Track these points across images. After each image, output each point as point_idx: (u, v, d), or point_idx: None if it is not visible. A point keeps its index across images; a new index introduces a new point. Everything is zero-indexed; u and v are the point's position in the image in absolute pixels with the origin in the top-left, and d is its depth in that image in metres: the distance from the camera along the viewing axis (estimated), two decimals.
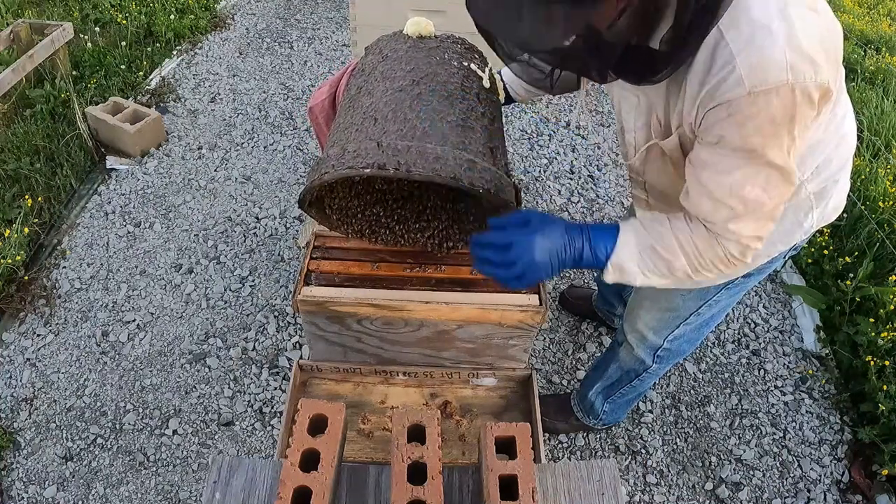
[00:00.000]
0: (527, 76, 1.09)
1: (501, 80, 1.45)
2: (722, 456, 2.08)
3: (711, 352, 2.39)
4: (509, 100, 1.49)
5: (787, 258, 1.40)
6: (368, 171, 1.08)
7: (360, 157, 1.11)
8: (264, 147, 3.29)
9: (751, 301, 2.59)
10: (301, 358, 1.39)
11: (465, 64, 1.32)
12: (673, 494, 1.98)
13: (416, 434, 0.94)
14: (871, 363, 2.15)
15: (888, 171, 2.90)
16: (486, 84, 1.34)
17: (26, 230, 2.61)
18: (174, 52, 4.05)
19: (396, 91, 1.23)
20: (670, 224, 1.07)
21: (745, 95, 0.87)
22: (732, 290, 1.41)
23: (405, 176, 1.08)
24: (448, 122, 1.18)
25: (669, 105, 1.03)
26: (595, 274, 2.59)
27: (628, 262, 1.07)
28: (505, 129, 1.40)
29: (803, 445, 2.12)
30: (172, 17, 4.21)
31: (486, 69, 1.37)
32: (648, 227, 1.08)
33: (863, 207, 2.70)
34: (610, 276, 1.10)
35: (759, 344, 2.43)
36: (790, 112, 0.88)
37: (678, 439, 2.12)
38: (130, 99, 3.46)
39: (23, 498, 1.91)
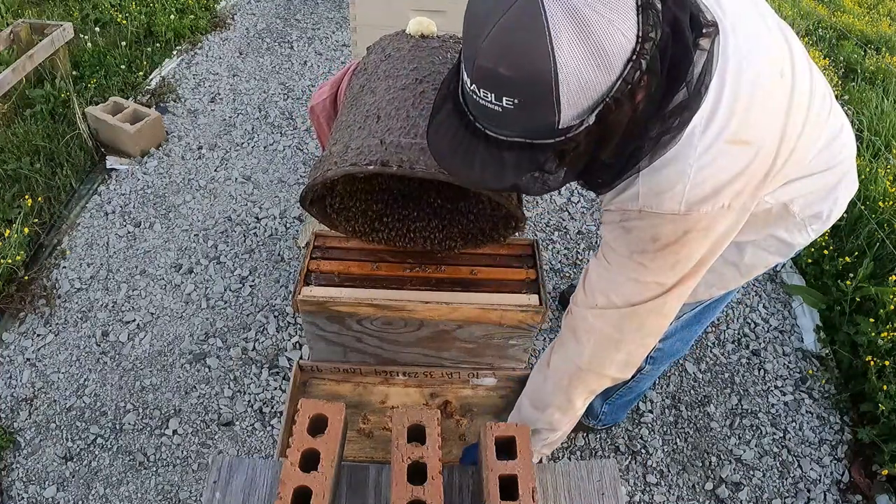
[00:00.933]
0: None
1: None
2: (722, 456, 2.08)
3: (711, 352, 2.39)
4: None
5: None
6: (372, 168, 1.08)
7: (363, 154, 1.11)
8: (264, 147, 3.29)
9: (751, 301, 2.59)
10: (301, 358, 1.39)
11: None
12: (673, 494, 1.98)
13: (416, 434, 0.94)
14: (871, 363, 2.15)
15: (888, 171, 2.90)
16: None
17: (26, 230, 2.61)
18: (174, 52, 4.05)
19: (399, 89, 1.23)
20: (525, 388, 1.18)
21: (637, 212, 0.91)
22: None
23: (408, 173, 1.08)
24: None
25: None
26: None
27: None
28: None
29: (803, 445, 2.12)
30: (172, 17, 4.21)
31: None
32: (516, 407, 1.20)
33: (863, 207, 2.70)
34: (540, 453, 1.23)
35: (759, 344, 2.43)
36: (677, 237, 0.91)
37: (678, 439, 2.12)
38: (130, 99, 3.46)
39: (23, 498, 1.91)
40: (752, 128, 0.88)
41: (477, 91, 0.74)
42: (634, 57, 0.70)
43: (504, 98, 0.72)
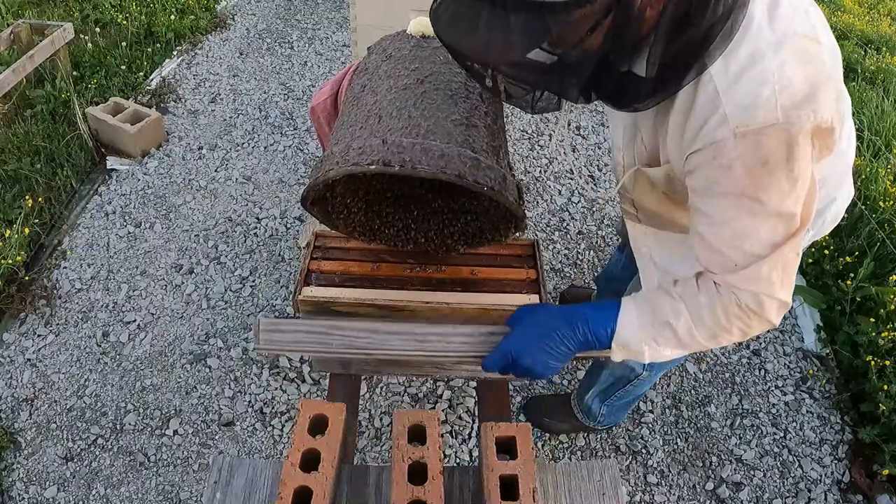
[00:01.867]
0: (505, 96, 1.04)
1: None
2: (722, 456, 2.08)
3: (712, 352, 2.39)
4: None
5: None
6: (373, 167, 1.08)
7: (364, 153, 1.11)
8: (265, 147, 3.29)
9: None
10: (302, 358, 1.38)
11: None
12: (673, 494, 1.98)
13: (417, 434, 0.94)
14: (872, 363, 2.15)
15: (888, 171, 2.90)
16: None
17: (27, 230, 2.61)
18: (174, 53, 4.05)
19: (401, 89, 1.23)
20: (677, 289, 1.01)
21: (731, 137, 0.80)
22: None
23: (410, 173, 1.08)
24: (452, 120, 1.18)
25: (657, 134, 0.97)
26: (594, 274, 2.58)
27: (634, 340, 1.02)
28: (506, 128, 1.40)
29: (804, 445, 2.12)
30: (172, 17, 4.21)
31: None
32: (651, 298, 1.03)
33: (863, 207, 2.70)
34: (617, 355, 1.05)
35: (760, 344, 2.43)
36: (785, 153, 0.81)
37: (679, 439, 2.12)
38: (131, 99, 3.46)
39: (23, 498, 1.91)
40: (815, 27, 0.82)
41: None
42: None
43: None
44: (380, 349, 1.11)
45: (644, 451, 2.08)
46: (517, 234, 1.41)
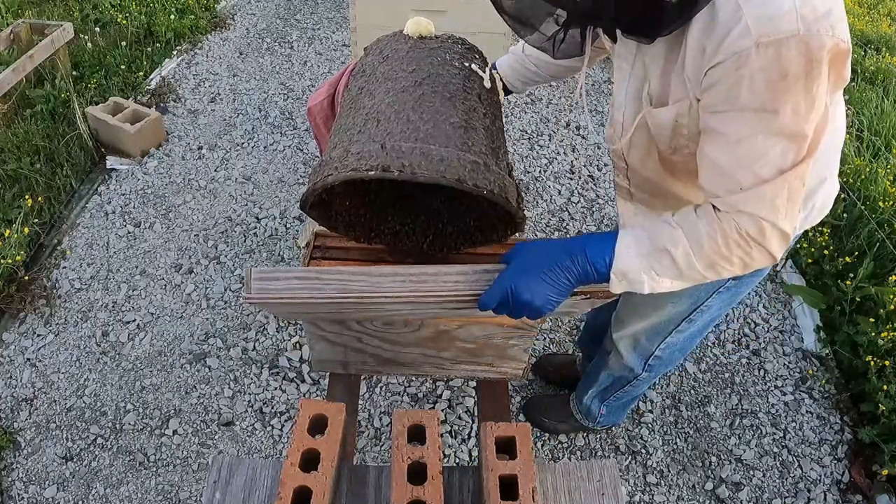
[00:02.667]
0: (530, 37, 1.02)
1: (497, 74, 1.44)
2: (722, 456, 2.08)
3: (711, 352, 2.39)
4: (506, 91, 1.49)
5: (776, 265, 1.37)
6: (373, 173, 1.08)
7: (363, 158, 1.11)
8: (264, 147, 3.29)
9: (751, 301, 2.59)
10: (302, 358, 1.38)
11: (467, 64, 1.32)
12: (673, 494, 1.98)
13: (417, 434, 0.94)
14: (872, 363, 2.15)
15: (888, 171, 2.90)
16: (487, 84, 1.34)
17: (26, 230, 2.61)
18: (174, 52, 4.05)
19: (399, 92, 1.23)
20: (674, 218, 0.99)
21: (753, 47, 0.81)
22: (724, 294, 1.37)
23: (410, 178, 1.07)
24: (451, 123, 1.17)
25: (668, 73, 0.97)
26: (576, 337, 2.37)
27: (632, 269, 0.99)
28: (505, 129, 1.41)
29: (803, 445, 2.12)
30: (172, 17, 4.21)
31: (487, 69, 1.36)
32: (649, 227, 1.01)
33: (863, 207, 2.70)
34: (616, 287, 1.02)
35: (759, 344, 2.43)
36: (804, 67, 0.82)
37: (678, 439, 2.12)
38: (130, 99, 3.46)
39: (23, 498, 1.91)
40: None
41: None
42: None
43: None
44: (375, 292, 1.07)
45: (644, 451, 2.08)
46: (516, 234, 1.41)
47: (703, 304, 1.40)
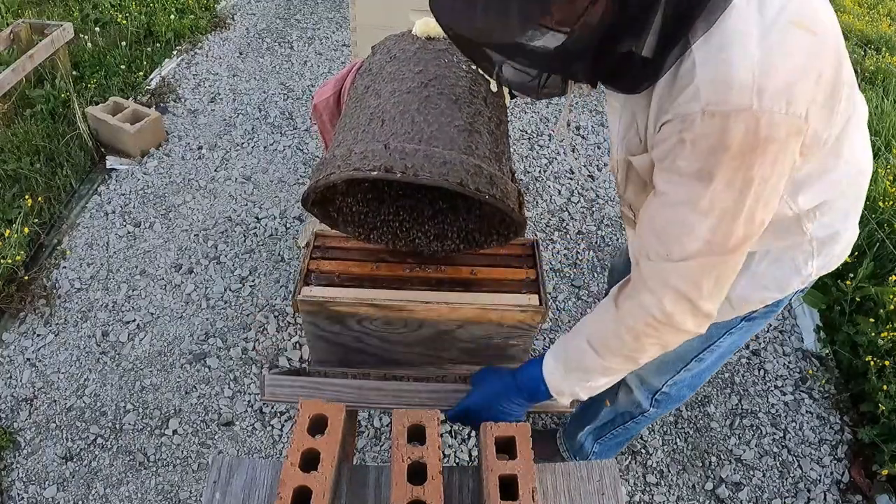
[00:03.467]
0: (511, 81, 1.00)
1: None
2: (722, 456, 2.08)
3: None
4: (511, 94, 1.48)
5: (785, 306, 1.28)
6: (375, 173, 1.08)
7: (366, 158, 1.11)
8: (264, 147, 3.29)
9: None
10: (302, 358, 1.39)
11: (474, 67, 1.32)
12: (673, 494, 1.98)
13: (417, 434, 0.94)
14: (871, 363, 2.15)
15: (888, 171, 2.90)
16: (494, 88, 1.33)
17: (26, 230, 2.61)
18: (174, 52, 4.05)
19: (405, 93, 1.23)
20: (585, 326, 1.08)
21: (699, 113, 0.76)
22: (735, 334, 1.32)
23: (412, 180, 1.07)
24: (456, 125, 1.17)
25: (645, 110, 0.93)
26: (594, 273, 2.52)
27: (565, 388, 1.10)
28: (508, 132, 1.40)
29: (803, 445, 2.12)
30: (172, 17, 4.21)
31: None
32: (567, 342, 1.10)
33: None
34: (564, 401, 1.15)
35: (759, 344, 2.43)
36: (749, 144, 0.76)
37: (678, 439, 2.12)
38: (130, 99, 3.46)
39: (23, 498, 1.91)
40: (816, 21, 0.77)
41: None
42: None
43: None
44: (362, 402, 1.30)
45: (643, 451, 2.08)
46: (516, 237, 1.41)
47: (714, 343, 1.34)
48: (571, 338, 1.09)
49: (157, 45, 4.06)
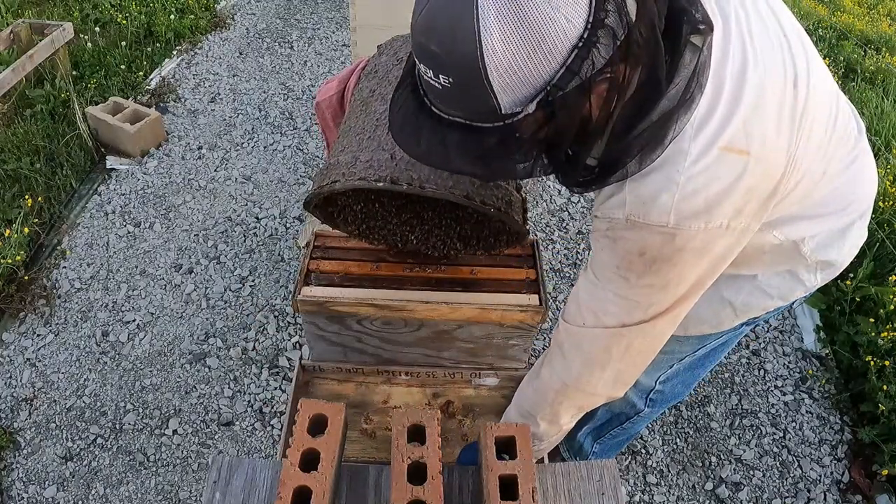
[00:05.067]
0: None
1: None
2: (722, 456, 2.08)
3: None
4: None
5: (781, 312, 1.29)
6: (381, 185, 1.08)
7: (372, 168, 1.10)
8: (264, 147, 3.29)
9: None
10: (302, 358, 1.39)
11: None
12: (673, 494, 1.98)
13: (417, 434, 0.94)
14: (871, 363, 2.15)
15: (888, 171, 2.90)
16: None
17: (26, 230, 2.61)
18: (174, 52, 4.05)
19: None
20: (518, 391, 1.16)
21: (623, 220, 0.83)
22: (730, 333, 1.31)
23: (418, 192, 1.07)
24: None
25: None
26: None
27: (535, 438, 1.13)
28: None
29: (803, 445, 2.12)
30: (172, 17, 4.21)
31: None
32: (516, 397, 1.17)
33: None
34: (538, 451, 1.18)
35: (759, 344, 2.43)
36: (666, 254, 0.83)
37: (678, 439, 2.12)
38: (130, 99, 3.46)
39: (23, 498, 1.91)
40: (752, 137, 0.80)
41: (420, 66, 0.72)
42: (581, 44, 0.64)
43: (440, 76, 0.69)
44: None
45: (643, 451, 2.08)
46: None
47: (710, 342, 1.34)
48: (508, 409, 1.20)
49: (157, 45, 4.06)
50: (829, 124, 0.94)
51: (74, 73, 3.58)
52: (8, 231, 2.55)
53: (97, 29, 4.03)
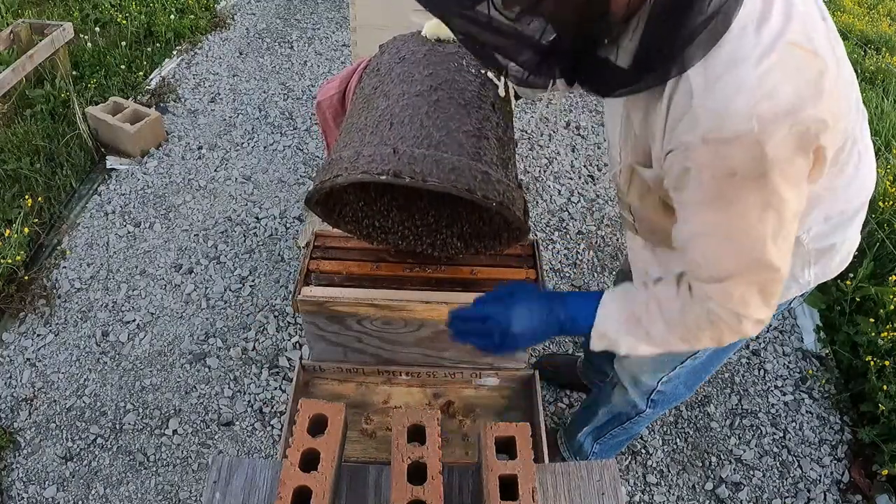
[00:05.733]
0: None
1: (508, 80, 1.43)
2: (722, 456, 2.08)
3: None
4: (516, 96, 1.48)
5: (781, 311, 1.26)
6: (384, 178, 1.08)
7: (374, 162, 1.11)
8: (264, 147, 3.29)
9: None
10: (302, 358, 1.39)
11: (483, 72, 1.32)
12: (673, 494, 1.98)
13: (417, 434, 0.94)
14: (871, 363, 2.15)
15: (888, 171, 2.90)
16: (502, 93, 1.33)
17: (26, 230, 2.61)
18: (174, 52, 4.05)
19: (414, 96, 1.23)
20: (656, 289, 1.00)
21: (699, 142, 0.75)
22: None
23: (420, 185, 1.07)
24: (464, 131, 1.17)
25: (647, 130, 0.90)
26: (581, 341, 2.36)
27: (611, 332, 1.03)
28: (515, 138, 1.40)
29: (803, 445, 2.12)
30: (172, 17, 4.21)
31: (503, 78, 1.36)
32: (631, 296, 1.03)
33: None
34: (595, 345, 1.06)
35: (759, 344, 2.43)
36: (756, 167, 0.75)
37: (678, 439, 2.12)
38: (130, 99, 3.46)
39: (23, 498, 1.91)
40: (813, 39, 0.74)
41: None
42: None
43: None
44: None
45: (643, 451, 2.08)
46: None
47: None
48: (640, 294, 1.02)
49: (157, 45, 4.06)
50: (850, 94, 0.88)
51: (74, 73, 3.58)
52: (8, 231, 2.55)
53: (97, 29, 4.03)
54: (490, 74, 1.33)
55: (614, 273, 2.49)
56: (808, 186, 0.83)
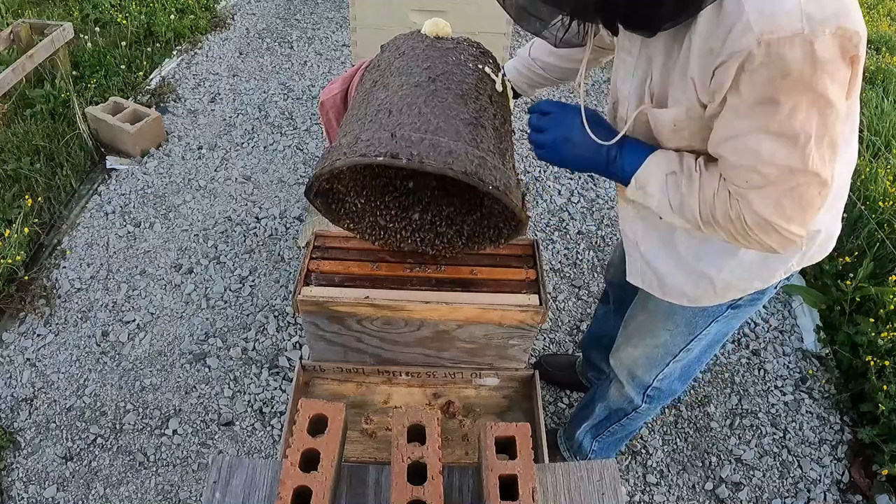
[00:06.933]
0: (532, 27, 1.03)
1: (505, 77, 1.44)
2: (722, 456, 2.08)
3: None
4: (514, 94, 1.49)
5: (775, 289, 1.29)
6: (381, 159, 1.08)
7: (372, 145, 1.11)
8: (264, 147, 3.29)
9: None
10: (302, 358, 1.39)
11: (480, 67, 1.32)
12: (673, 494, 1.98)
13: (417, 434, 0.94)
14: (871, 363, 2.15)
15: (888, 171, 2.90)
16: (499, 88, 1.34)
17: (26, 230, 2.61)
18: (174, 52, 4.05)
19: (412, 86, 1.23)
20: (702, 166, 1.02)
21: (755, 44, 0.80)
22: (721, 321, 1.33)
23: (417, 167, 1.08)
24: (461, 119, 1.18)
25: (667, 69, 0.97)
26: (580, 340, 2.36)
27: (651, 182, 1.05)
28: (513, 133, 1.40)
29: (803, 445, 2.12)
30: (172, 17, 4.21)
31: (500, 74, 1.36)
32: (683, 158, 1.04)
33: (863, 207, 2.70)
34: (631, 193, 1.09)
35: (759, 344, 2.43)
36: (808, 67, 0.79)
37: (678, 439, 2.12)
38: (130, 99, 3.46)
39: (23, 498, 1.91)
40: None
41: None
42: None
43: None
44: None
45: (643, 451, 2.08)
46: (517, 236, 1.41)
47: (700, 332, 1.36)
48: (693, 158, 1.03)
49: (157, 45, 4.06)
50: None
51: (74, 73, 3.58)
52: (8, 231, 2.55)
53: (97, 29, 4.03)
54: (488, 69, 1.34)
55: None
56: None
